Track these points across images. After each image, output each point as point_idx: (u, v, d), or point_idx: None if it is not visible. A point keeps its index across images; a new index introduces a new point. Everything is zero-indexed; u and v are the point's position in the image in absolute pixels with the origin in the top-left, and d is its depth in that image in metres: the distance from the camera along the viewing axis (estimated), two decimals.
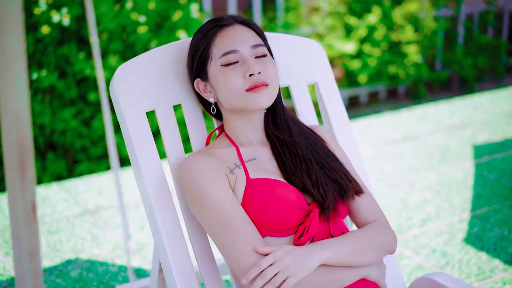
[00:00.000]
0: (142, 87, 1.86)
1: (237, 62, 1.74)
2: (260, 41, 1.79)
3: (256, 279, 1.58)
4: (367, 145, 4.47)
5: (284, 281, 1.57)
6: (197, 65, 1.79)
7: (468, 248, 3.05)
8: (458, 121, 4.93)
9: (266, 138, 1.84)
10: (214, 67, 1.76)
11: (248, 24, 1.81)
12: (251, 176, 1.72)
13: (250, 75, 1.71)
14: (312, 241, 1.69)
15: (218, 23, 1.78)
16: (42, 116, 4.30)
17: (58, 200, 3.58)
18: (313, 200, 1.72)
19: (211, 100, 1.81)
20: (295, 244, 1.67)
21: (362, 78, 6.31)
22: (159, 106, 1.87)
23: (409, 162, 4.13)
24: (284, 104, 1.89)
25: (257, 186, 1.69)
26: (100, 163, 4.49)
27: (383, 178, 3.89)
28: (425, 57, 6.82)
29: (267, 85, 1.72)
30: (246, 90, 1.72)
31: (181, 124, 4.23)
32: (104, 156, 4.54)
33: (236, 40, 1.75)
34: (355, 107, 6.63)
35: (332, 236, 1.73)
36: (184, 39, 1.92)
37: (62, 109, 4.34)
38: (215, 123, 1.97)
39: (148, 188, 1.79)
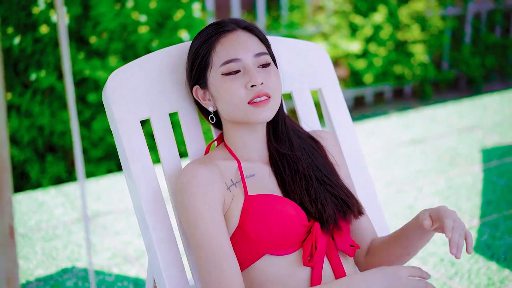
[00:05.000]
0: (136, 94, 1.76)
1: (239, 71, 1.64)
2: (263, 49, 1.68)
3: None
4: (375, 147, 4.37)
5: None
6: (197, 72, 1.69)
7: (478, 257, 2.94)
8: (468, 123, 4.82)
9: (267, 150, 1.74)
10: (214, 76, 1.66)
11: (252, 30, 1.70)
12: (250, 193, 1.62)
13: (252, 86, 1.61)
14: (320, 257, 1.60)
15: (220, 29, 1.68)
16: (41, 118, 4.21)
17: (56, 205, 3.49)
18: (312, 217, 1.63)
19: (210, 108, 1.71)
20: (305, 265, 1.58)
21: (368, 78, 6.20)
22: (154, 114, 1.78)
23: (418, 165, 4.03)
24: (285, 111, 1.79)
25: (256, 202, 1.60)
26: (100, 165, 4.40)
27: (391, 182, 3.78)
28: (432, 57, 6.71)
29: (269, 97, 1.63)
30: (248, 103, 1.62)
31: (177, 125, 4.13)
32: (104, 158, 4.45)
33: (238, 48, 1.65)
34: (360, 107, 6.52)
35: (340, 251, 1.65)
36: (181, 44, 1.83)
37: (61, 110, 4.25)
38: (213, 131, 1.87)
39: (141, 201, 1.69)
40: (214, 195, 1.59)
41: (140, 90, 1.76)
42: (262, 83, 1.62)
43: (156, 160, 4.05)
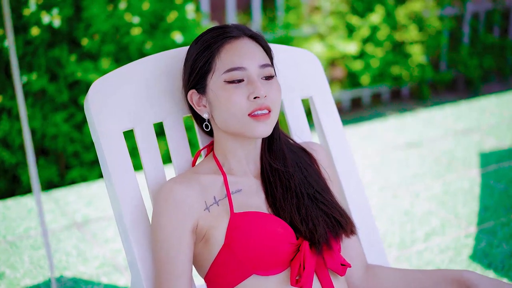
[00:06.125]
0: (119, 104, 1.69)
1: (242, 80, 1.57)
2: (268, 61, 1.62)
3: None
4: (372, 151, 4.31)
5: None
6: (196, 76, 1.61)
7: (475, 266, 2.88)
8: (465, 125, 4.75)
9: (260, 164, 1.68)
10: (215, 82, 1.58)
11: (257, 39, 1.63)
12: (236, 210, 1.56)
13: (255, 97, 1.55)
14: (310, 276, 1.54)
15: (225, 34, 1.60)
16: (32, 121, 4.14)
17: (45, 211, 3.42)
18: (301, 236, 1.57)
19: (205, 116, 1.64)
20: (293, 286, 1.52)
21: (365, 79, 6.14)
22: (138, 125, 1.71)
23: (414, 169, 3.96)
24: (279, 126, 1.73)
25: (243, 221, 1.53)
26: (92, 168, 4.34)
27: (387, 187, 3.72)
28: (430, 58, 6.64)
29: (270, 111, 1.56)
30: (248, 114, 1.56)
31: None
32: (97, 161, 4.39)
33: (244, 56, 1.58)
34: (357, 108, 6.46)
35: (330, 269, 1.59)
36: (165, 52, 1.76)
37: (53, 113, 4.19)
38: (200, 140, 1.80)
39: (124, 217, 1.63)
40: (185, 218, 1.55)
41: (124, 100, 1.70)
42: (265, 95, 1.56)
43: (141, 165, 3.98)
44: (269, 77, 1.61)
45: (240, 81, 1.57)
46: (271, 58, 1.67)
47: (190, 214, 1.55)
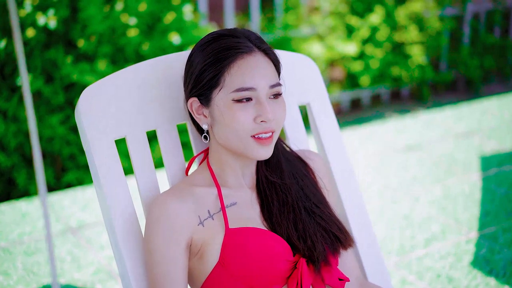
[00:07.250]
0: (111, 111, 1.64)
1: (250, 99, 1.51)
2: (277, 78, 1.56)
3: None
4: (371, 153, 4.26)
5: None
6: (202, 88, 1.54)
7: (476, 272, 2.83)
8: (465, 127, 4.70)
9: (255, 176, 1.63)
10: (222, 99, 1.51)
11: (269, 54, 1.56)
12: (231, 225, 1.51)
13: (262, 121, 1.50)
14: None
15: (236, 49, 1.52)
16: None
17: (39, 216, 3.37)
18: (298, 252, 1.52)
19: (204, 126, 1.58)
20: None
21: (364, 80, 6.09)
22: (130, 133, 1.66)
23: (414, 173, 3.91)
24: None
25: (238, 237, 1.48)
26: (89, 171, 4.29)
27: (386, 191, 3.67)
28: (430, 58, 6.59)
29: (273, 132, 1.52)
30: (251, 136, 1.50)
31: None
32: None
33: (256, 76, 1.51)
34: (357, 109, 6.41)
35: (327, 285, 1.54)
36: (157, 58, 1.71)
37: (49, 115, 4.15)
38: (194, 146, 1.75)
39: (115, 227, 1.58)
40: (179, 234, 1.50)
41: (115, 108, 1.65)
42: (273, 119, 1.51)
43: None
44: (276, 95, 1.55)
45: (248, 99, 1.52)
46: (279, 72, 1.61)
47: (184, 230, 1.50)
